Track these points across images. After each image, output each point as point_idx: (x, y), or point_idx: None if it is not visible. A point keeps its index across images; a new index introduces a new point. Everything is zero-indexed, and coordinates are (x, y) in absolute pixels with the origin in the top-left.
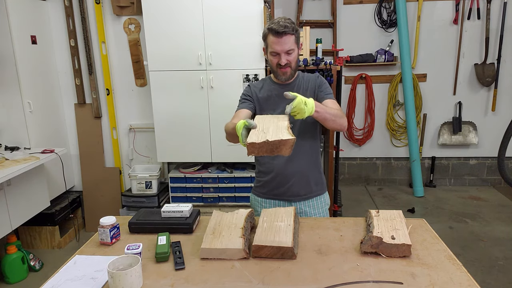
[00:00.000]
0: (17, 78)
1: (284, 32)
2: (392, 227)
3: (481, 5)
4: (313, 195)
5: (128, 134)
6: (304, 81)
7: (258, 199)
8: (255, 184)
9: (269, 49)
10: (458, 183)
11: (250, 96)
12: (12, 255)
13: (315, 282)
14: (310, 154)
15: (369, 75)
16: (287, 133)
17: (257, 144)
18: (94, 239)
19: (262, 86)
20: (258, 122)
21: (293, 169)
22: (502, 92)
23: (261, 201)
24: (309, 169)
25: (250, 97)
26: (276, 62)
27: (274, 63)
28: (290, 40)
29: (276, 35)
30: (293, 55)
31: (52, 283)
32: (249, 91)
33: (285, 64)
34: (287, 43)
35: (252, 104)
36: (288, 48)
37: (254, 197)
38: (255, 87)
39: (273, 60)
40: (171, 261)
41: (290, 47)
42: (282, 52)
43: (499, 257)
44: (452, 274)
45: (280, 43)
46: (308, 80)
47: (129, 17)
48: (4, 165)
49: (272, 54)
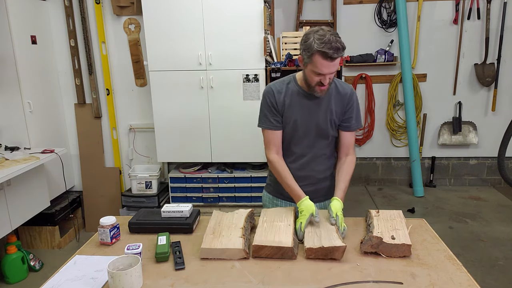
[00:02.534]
0: (17, 78)
1: (336, 58)
2: (392, 227)
3: (481, 5)
4: (324, 198)
5: (128, 134)
6: (333, 92)
7: (270, 196)
8: (268, 182)
9: (313, 67)
10: (458, 183)
11: (275, 108)
12: (12, 255)
13: (315, 282)
14: (321, 159)
15: (369, 75)
16: (339, 239)
17: (314, 249)
18: (94, 239)
19: (286, 91)
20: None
21: (307, 174)
22: (502, 92)
23: (273, 198)
24: (323, 174)
25: (275, 108)
26: (317, 80)
27: (314, 81)
28: (338, 61)
29: (327, 59)
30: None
31: (52, 283)
32: (273, 98)
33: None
34: (335, 66)
35: (278, 119)
36: (334, 70)
37: (266, 194)
38: (278, 92)
39: (314, 78)
40: (171, 261)
41: (337, 68)
42: (328, 74)
43: (499, 257)
44: (452, 274)
45: (330, 66)
46: (339, 93)
47: (129, 17)
48: (4, 165)
49: (315, 73)
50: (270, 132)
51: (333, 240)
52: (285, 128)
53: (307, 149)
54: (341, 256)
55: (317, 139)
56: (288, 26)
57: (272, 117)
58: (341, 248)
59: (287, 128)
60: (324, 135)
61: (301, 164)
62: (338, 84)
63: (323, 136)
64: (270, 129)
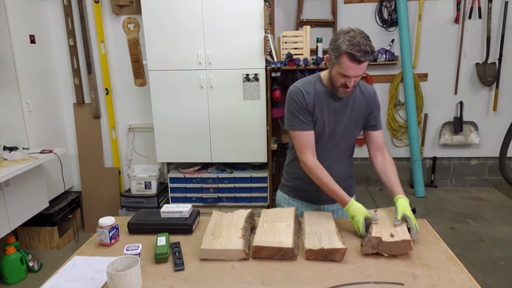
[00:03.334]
0: (15, 78)
1: (364, 61)
2: (390, 224)
3: (482, 4)
4: None
5: (127, 134)
6: (357, 92)
7: (286, 196)
8: (284, 183)
9: (339, 69)
10: (459, 184)
11: (305, 108)
12: (11, 256)
13: (315, 283)
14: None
15: (370, 75)
16: (339, 241)
17: (314, 250)
18: (93, 239)
19: (314, 91)
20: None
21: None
22: (503, 91)
23: (289, 198)
24: (345, 175)
25: (306, 108)
26: (342, 82)
27: (340, 82)
28: (365, 65)
29: (354, 61)
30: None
31: (51, 284)
32: (303, 99)
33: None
34: (362, 69)
35: (310, 118)
36: (361, 73)
37: (281, 194)
38: (307, 93)
39: (340, 80)
40: (170, 262)
41: (363, 71)
42: (354, 77)
43: (500, 257)
44: (453, 274)
45: (356, 69)
46: (363, 93)
47: (128, 16)
48: (3, 165)
49: (341, 75)
50: (303, 133)
51: (333, 242)
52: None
53: (331, 150)
54: (341, 258)
55: (342, 140)
56: (288, 26)
57: (304, 117)
58: (341, 250)
59: (315, 129)
60: (349, 136)
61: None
62: (362, 85)
63: (348, 137)
64: (304, 130)
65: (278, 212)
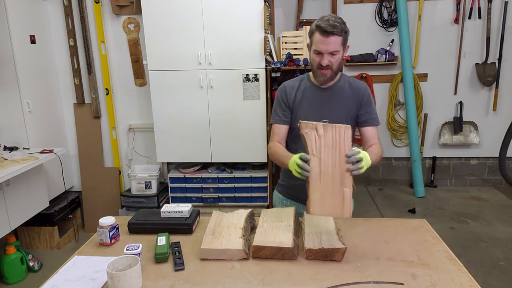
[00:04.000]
0: (16, 78)
1: (331, 32)
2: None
3: (482, 4)
4: None
5: (128, 134)
6: (347, 88)
7: (280, 196)
8: (280, 183)
9: (313, 46)
10: (459, 183)
11: (284, 103)
12: (11, 256)
13: (315, 283)
14: None
15: (370, 75)
16: (339, 241)
17: (314, 250)
18: (93, 239)
19: (298, 87)
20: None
21: None
22: (503, 91)
23: (283, 199)
24: None
25: (285, 103)
26: (318, 61)
27: (316, 62)
28: (336, 41)
29: (323, 34)
30: (336, 57)
31: (51, 284)
32: (284, 95)
33: (327, 65)
34: (332, 44)
35: (287, 113)
36: (332, 49)
37: (277, 194)
38: (290, 88)
39: (315, 59)
40: (170, 261)
41: (335, 48)
42: (325, 53)
43: (500, 257)
44: (453, 274)
45: (326, 43)
46: (353, 90)
47: (128, 17)
48: (3, 165)
49: (315, 53)
50: (276, 126)
51: (333, 242)
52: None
53: None
54: (341, 258)
55: None
56: (288, 26)
57: (281, 111)
58: (341, 250)
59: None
60: None
61: None
62: (352, 81)
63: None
64: (277, 123)
65: (278, 212)
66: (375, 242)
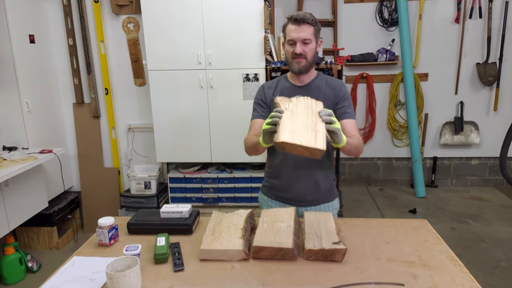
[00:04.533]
0: (15, 78)
1: (302, 20)
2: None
3: (483, 3)
4: (321, 201)
5: (127, 134)
6: (323, 85)
7: (265, 197)
8: (264, 184)
9: (287, 38)
10: (460, 184)
11: (262, 101)
12: (10, 256)
13: (315, 284)
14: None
15: (370, 75)
16: (339, 241)
17: (314, 250)
18: (93, 240)
19: (276, 86)
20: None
21: (302, 176)
22: (504, 91)
23: (268, 200)
24: (319, 176)
25: (263, 101)
26: (292, 51)
27: (290, 53)
28: (308, 30)
29: (294, 23)
30: (309, 46)
31: (50, 285)
32: (262, 94)
33: (300, 53)
34: (304, 31)
35: (265, 110)
36: (304, 37)
37: (262, 195)
38: (268, 88)
39: (289, 50)
40: (170, 262)
41: (307, 36)
42: (298, 41)
43: (501, 258)
44: (454, 275)
45: (297, 30)
46: (329, 85)
47: (128, 16)
48: (2, 165)
49: (289, 43)
50: (253, 121)
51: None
52: None
53: None
54: (341, 259)
55: None
56: None
57: (260, 108)
58: (341, 251)
59: None
60: None
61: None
62: (329, 78)
63: None
64: (255, 118)
65: (278, 212)
66: (376, 243)
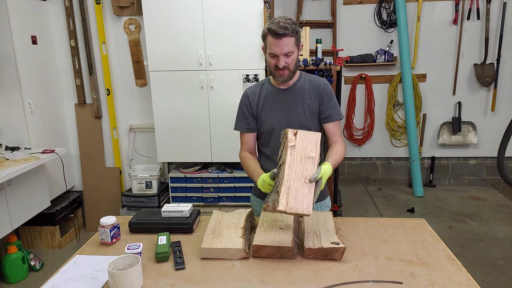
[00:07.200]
0: (17, 78)
1: (283, 34)
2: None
3: (481, 5)
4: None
5: (128, 134)
6: (307, 86)
7: (257, 199)
8: (255, 185)
9: (267, 49)
10: (458, 183)
11: (248, 110)
12: (13, 255)
13: (315, 282)
14: None
15: (369, 75)
16: (338, 240)
17: (314, 249)
18: (95, 239)
19: (260, 90)
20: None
21: None
22: (501, 92)
23: (260, 202)
24: None
25: (248, 111)
26: (274, 63)
27: (272, 65)
28: (289, 42)
29: (275, 37)
30: (292, 57)
31: (52, 283)
32: (247, 102)
33: (284, 66)
34: (286, 45)
35: (250, 120)
36: (287, 51)
37: (253, 197)
38: (252, 93)
39: (272, 62)
40: (171, 261)
41: (289, 49)
42: (280, 55)
43: (498, 257)
44: (452, 274)
45: (279, 45)
46: (313, 86)
47: (129, 18)
48: (5, 165)
49: (271, 56)
50: (243, 134)
51: (332, 241)
52: (262, 128)
53: None
54: (340, 257)
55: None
56: None
57: (244, 119)
58: (340, 249)
59: (265, 126)
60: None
61: None
62: (312, 78)
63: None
64: (243, 131)
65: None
66: (374, 242)
